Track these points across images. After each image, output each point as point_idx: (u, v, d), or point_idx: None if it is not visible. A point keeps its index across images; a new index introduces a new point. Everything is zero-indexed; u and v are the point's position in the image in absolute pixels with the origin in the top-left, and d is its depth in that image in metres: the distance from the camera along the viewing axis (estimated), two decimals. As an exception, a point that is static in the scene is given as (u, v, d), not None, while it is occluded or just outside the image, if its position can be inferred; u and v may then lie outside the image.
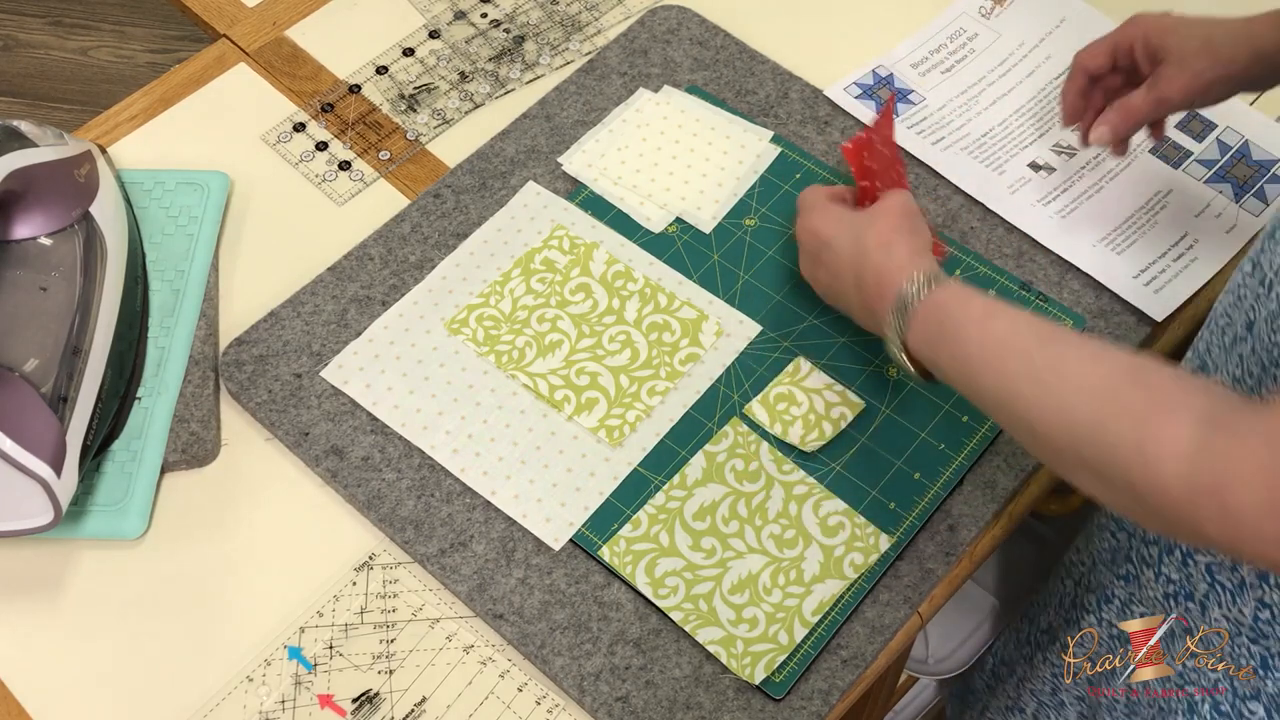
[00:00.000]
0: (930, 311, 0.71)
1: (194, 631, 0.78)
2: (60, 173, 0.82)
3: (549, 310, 0.88)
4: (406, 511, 0.81)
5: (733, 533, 0.79)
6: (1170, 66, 0.81)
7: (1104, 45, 0.86)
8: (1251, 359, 0.67)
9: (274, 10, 1.05)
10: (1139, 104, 0.84)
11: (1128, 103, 0.84)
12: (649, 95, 0.99)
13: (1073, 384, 0.60)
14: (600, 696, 0.75)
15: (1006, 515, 0.82)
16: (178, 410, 0.84)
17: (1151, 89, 0.83)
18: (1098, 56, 0.86)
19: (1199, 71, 0.80)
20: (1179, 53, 0.81)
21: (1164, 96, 0.82)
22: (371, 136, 0.98)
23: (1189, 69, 0.80)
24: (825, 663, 0.76)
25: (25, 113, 2.05)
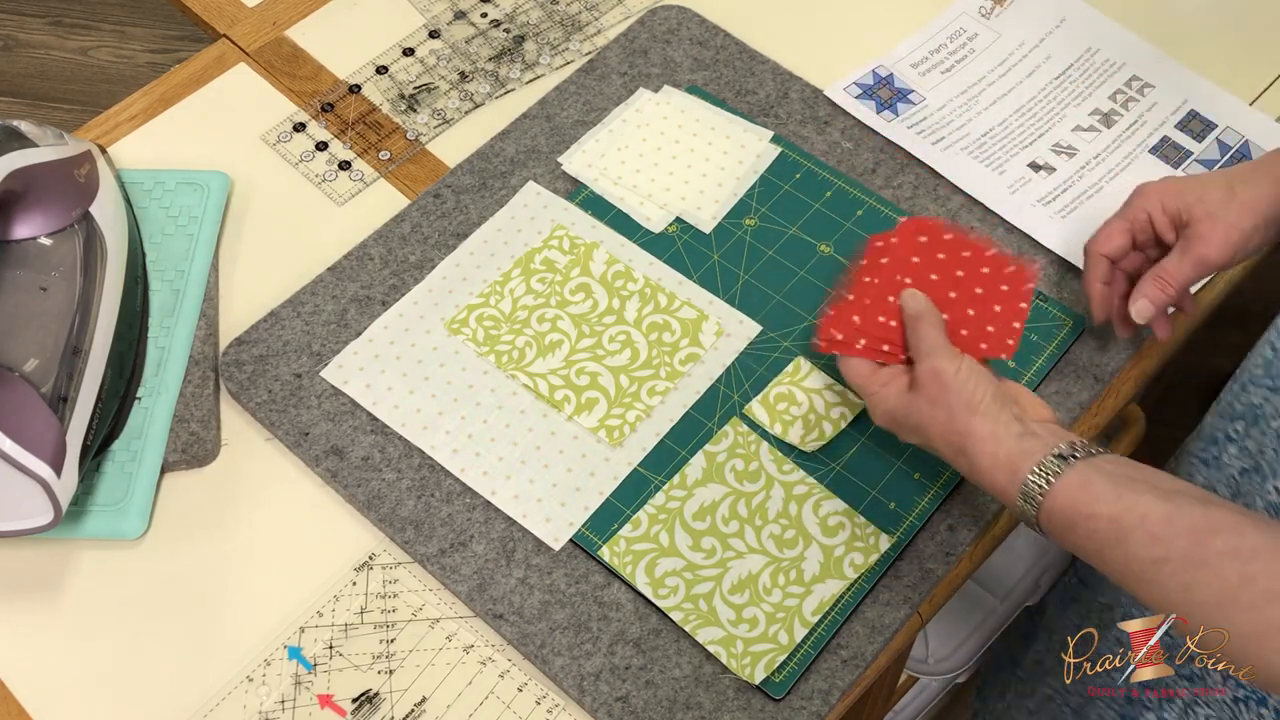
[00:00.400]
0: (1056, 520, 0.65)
1: (194, 631, 0.78)
2: (60, 173, 0.82)
3: (549, 310, 0.88)
4: (406, 511, 0.81)
5: (733, 533, 0.79)
6: (1201, 224, 0.74)
7: (1119, 225, 0.79)
8: None
9: (274, 10, 1.05)
10: (1174, 268, 0.76)
11: (1164, 269, 0.77)
12: (649, 95, 0.99)
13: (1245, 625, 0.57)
14: (600, 696, 0.75)
15: (1006, 515, 0.82)
16: (178, 410, 0.84)
17: (1186, 252, 0.75)
18: (1114, 237, 0.79)
19: (1233, 222, 0.74)
20: (1205, 208, 0.75)
21: (1203, 256, 0.75)
22: (371, 136, 0.98)
23: (1222, 221, 0.74)
24: (825, 663, 0.76)
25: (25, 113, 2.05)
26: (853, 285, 0.79)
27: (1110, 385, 0.87)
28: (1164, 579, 0.59)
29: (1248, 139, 0.96)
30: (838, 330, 0.77)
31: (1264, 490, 0.71)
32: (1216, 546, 0.58)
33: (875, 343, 0.76)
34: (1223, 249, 0.74)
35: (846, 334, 0.77)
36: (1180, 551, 0.59)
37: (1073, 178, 0.95)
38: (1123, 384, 0.87)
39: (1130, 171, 0.95)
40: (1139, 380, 0.87)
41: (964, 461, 0.70)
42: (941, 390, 0.70)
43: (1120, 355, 0.87)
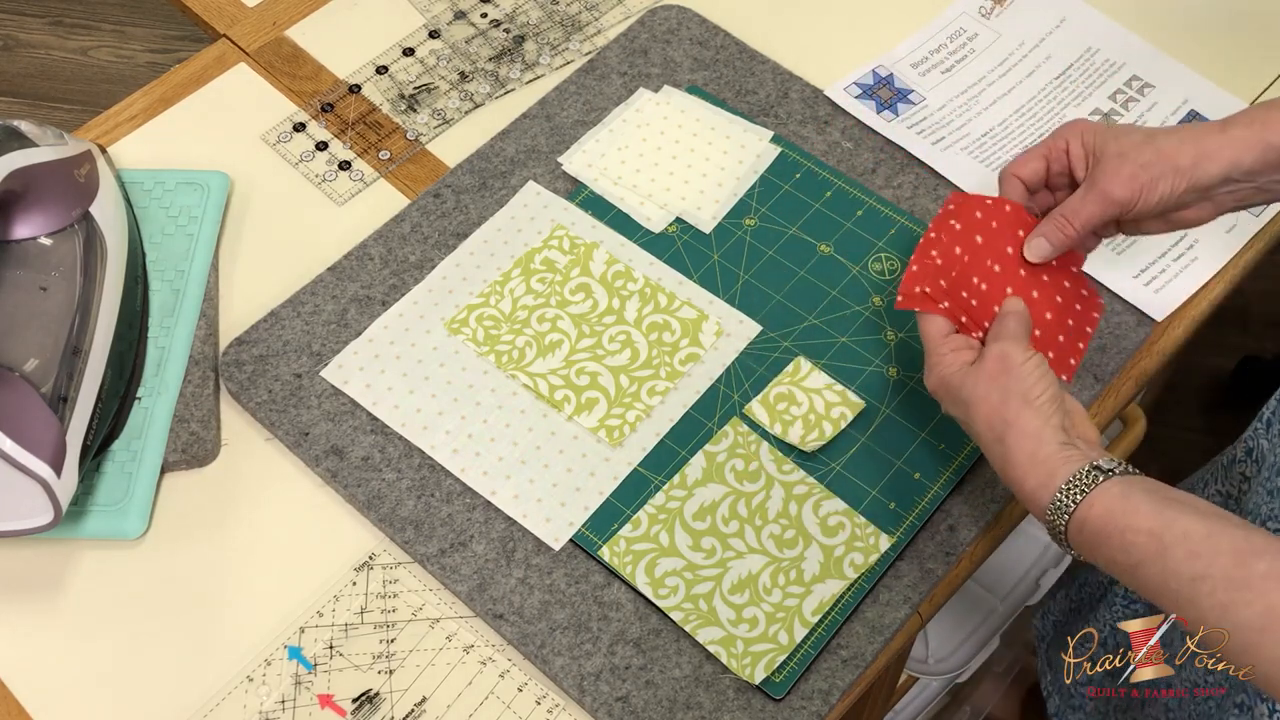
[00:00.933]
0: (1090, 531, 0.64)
1: (194, 631, 0.78)
2: (60, 173, 0.82)
3: (549, 310, 0.88)
4: (406, 511, 0.81)
5: (733, 533, 0.79)
6: (1110, 160, 0.73)
7: (1036, 152, 0.78)
8: None
9: (274, 10, 1.05)
10: (1077, 205, 0.74)
11: (1066, 207, 0.75)
12: (649, 95, 0.99)
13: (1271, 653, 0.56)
14: (600, 696, 0.75)
15: (1006, 515, 0.82)
16: (178, 410, 0.84)
17: (1091, 186, 0.74)
18: (1030, 161, 0.78)
19: (1143, 163, 0.72)
20: (1118, 145, 0.73)
21: (1105, 191, 0.73)
22: (371, 136, 0.98)
23: (1131, 160, 0.72)
24: (825, 663, 0.76)
25: (25, 113, 2.05)
26: (941, 249, 0.77)
27: (1110, 385, 0.87)
28: (1201, 598, 0.59)
29: (1248, 139, 0.96)
30: (925, 285, 0.75)
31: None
32: (1259, 569, 0.57)
33: (955, 312, 0.75)
34: (1127, 186, 0.72)
35: (935, 291, 0.75)
36: (1222, 570, 0.58)
37: (1073, 178, 0.95)
38: (1123, 384, 0.87)
39: (1130, 171, 0.95)
40: (1139, 380, 0.87)
41: (999, 451, 0.68)
42: (1004, 372, 0.69)
43: (1120, 355, 0.87)
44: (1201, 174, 0.71)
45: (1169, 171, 0.71)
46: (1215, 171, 0.71)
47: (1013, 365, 0.69)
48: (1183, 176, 0.71)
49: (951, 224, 0.77)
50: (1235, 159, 0.71)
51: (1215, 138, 0.71)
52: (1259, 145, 0.70)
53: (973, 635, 1.25)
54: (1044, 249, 0.76)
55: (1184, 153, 0.71)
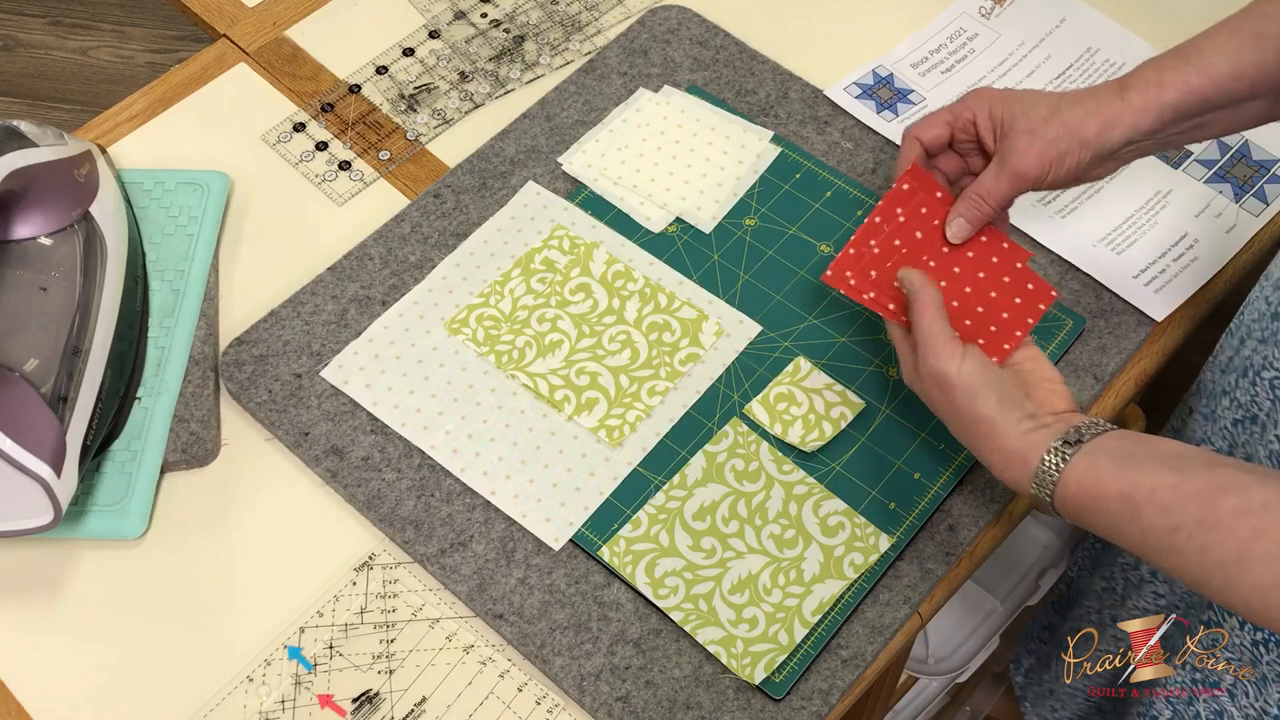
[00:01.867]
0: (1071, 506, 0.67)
1: (194, 631, 0.78)
2: (60, 173, 0.82)
3: (549, 310, 0.88)
4: (406, 511, 0.81)
5: (733, 533, 0.79)
6: (1019, 137, 0.75)
7: (942, 117, 0.79)
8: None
9: (274, 10, 1.05)
10: (991, 184, 0.76)
11: (980, 186, 0.77)
12: (649, 95, 0.99)
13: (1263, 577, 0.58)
14: (600, 696, 0.75)
15: (1006, 515, 0.82)
16: (178, 410, 0.84)
17: (1003, 165, 0.76)
18: (934, 126, 0.79)
19: (1052, 139, 0.74)
20: (1027, 121, 0.75)
21: (1018, 171, 0.75)
22: (371, 136, 0.98)
23: (1041, 137, 0.74)
24: (825, 663, 0.76)
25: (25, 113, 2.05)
26: (881, 240, 0.79)
27: (1110, 385, 0.87)
28: (1180, 545, 0.61)
29: (1247, 139, 0.96)
30: (852, 274, 0.78)
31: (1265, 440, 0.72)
32: (1227, 506, 0.59)
33: (883, 299, 0.77)
34: (1038, 165, 0.74)
35: (859, 282, 0.78)
36: (1193, 517, 0.60)
37: (1073, 178, 0.95)
38: (1123, 384, 0.87)
39: (1130, 171, 0.95)
40: (1139, 380, 0.87)
41: (977, 453, 0.72)
42: (946, 392, 0.71)
43: (1120, 355, 0.87)
44: (1105, 142, 0.74)
45: (1075, 146, 0.74)
46: (1118, 138, 0.74)
47: (950, 383, 0.71)
48: (1088, 148, 0.74)
49: (897, 213, 0.80)
50: (1135, 124, 0.73)
51: (1116, 105, 0.74)
52: (1156, 107, 0.73)
53: (973, 635, 1.25)
54: (964, 229, 0.78)
55: (1088, 125, 0.73)
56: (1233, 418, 0.75)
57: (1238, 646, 0.77)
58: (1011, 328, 0.77)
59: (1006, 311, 0.78)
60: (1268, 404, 0.71)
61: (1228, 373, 0.77)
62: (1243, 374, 0.74)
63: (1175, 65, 0.73)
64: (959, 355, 0.71)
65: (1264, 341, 0.72)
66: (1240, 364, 0.75)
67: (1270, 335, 0.70)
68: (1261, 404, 0.72)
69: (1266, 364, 0.71)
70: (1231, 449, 0.76)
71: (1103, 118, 0.73)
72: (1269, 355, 0.71)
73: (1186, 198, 0.94)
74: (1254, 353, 0.73)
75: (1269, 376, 0.71)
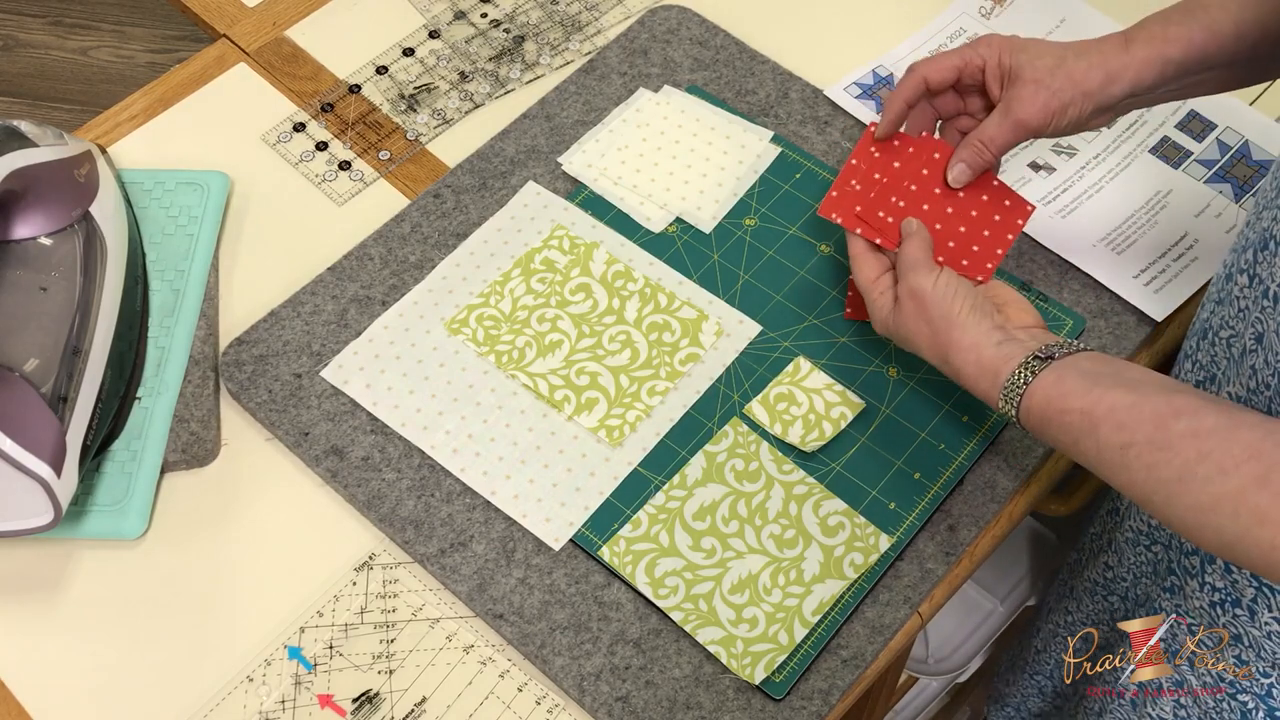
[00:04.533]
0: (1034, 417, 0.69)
1: (194, 631, 0.78)
2: (60, 173, 0.82)
3: (549, 310, 0.88)
4: (406, 511, 0.81)
5: (733, 533, 0.79)
6: (1025, 86, 0.76)
7: (952, 60, 0.80)
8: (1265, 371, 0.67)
9: (274, 10, 1.05)
10: (994, 132, 0.78)
11: (983, 133, 0.78)
12: (649, 95, 0.99)
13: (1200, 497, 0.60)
14: (600, 696, 0.75)
15: (1006, 515, 0.82)
16: (178, 410, 0.84)
17: (1007, 114, 0.77)
18: (943, 70, 0.80)
19: (1056, 90, 0.75)
20: (1033, 71, 0.76)
21: (1021, 120, 0.77)
22: (371, 136, 0.98)
23: (1045, 88, 0.76)
24: (825, 663, 0.76)
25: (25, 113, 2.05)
26: (860, 176, 0.82)
27: (1110, 385, 0.87)
28: (1130, 462, 0.63)
29: (1247, 139, 0.96)
30: (839, 214, 0.81)
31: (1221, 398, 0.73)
32: (1178, 429, 0.61)
33: (870, 233, 0.80)
34: (1041, 115, 0.76)
35: (846, 219, 0.81)
36: (1145, 436, 0.62)
37: (1073, 178, 0.95)
38: (1123, 384, 0.87)
39: (1130, 171, 0.95)
40: (1139, 380, 0.87)
41: (950, 370, 0.73)
42: (920, 305, 0.74)
43: (1120, 355, 0.87)
44: (1108, 95, 0.75)
45: (1079, 97, 0.75)
46: (1119, 92, 0.75)
47: (925, 295, 0.74)
48: (1091, 99, 0.75)
49: (871, 150, 0.83)
50: (1138, 78, 0.75)
51: (1120, 58, 0.75)
52: (1159, 62, 0.74)
53: (973, 635, 1.25)
54: (965, 174, 0.80)
55: (1092, 78, 0.75)
56: (1195, 379, 0.77)
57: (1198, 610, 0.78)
58: (993, 245, 0.80)
59: (987, 229, 0.81)
60: (1224, 363, 0.73)
61: (1188, 337, 0.79)
62: (1202, 336, 0.76)
63: (1181, 20, 0.74)
64: (935, 272, 0.74)
65: (1220, 303, 0.73)
66: (1200, 326, 0.76)
67: (1226, 296, 0.72)
68: (1219, 363, 0.73)
69: (1223, 324, 0.72)
70: None
71: (1106, 70, 0.75)
72: (1225, 315, 0.72)
73: (1186, 198, 0.94)
74: (1211, 314, 0.75)
75: (1225, 335, 0.72)
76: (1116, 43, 0.76)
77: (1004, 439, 0.83)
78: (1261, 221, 0.68)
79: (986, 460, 0.83)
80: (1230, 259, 0.73)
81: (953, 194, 0.82)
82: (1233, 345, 0.71)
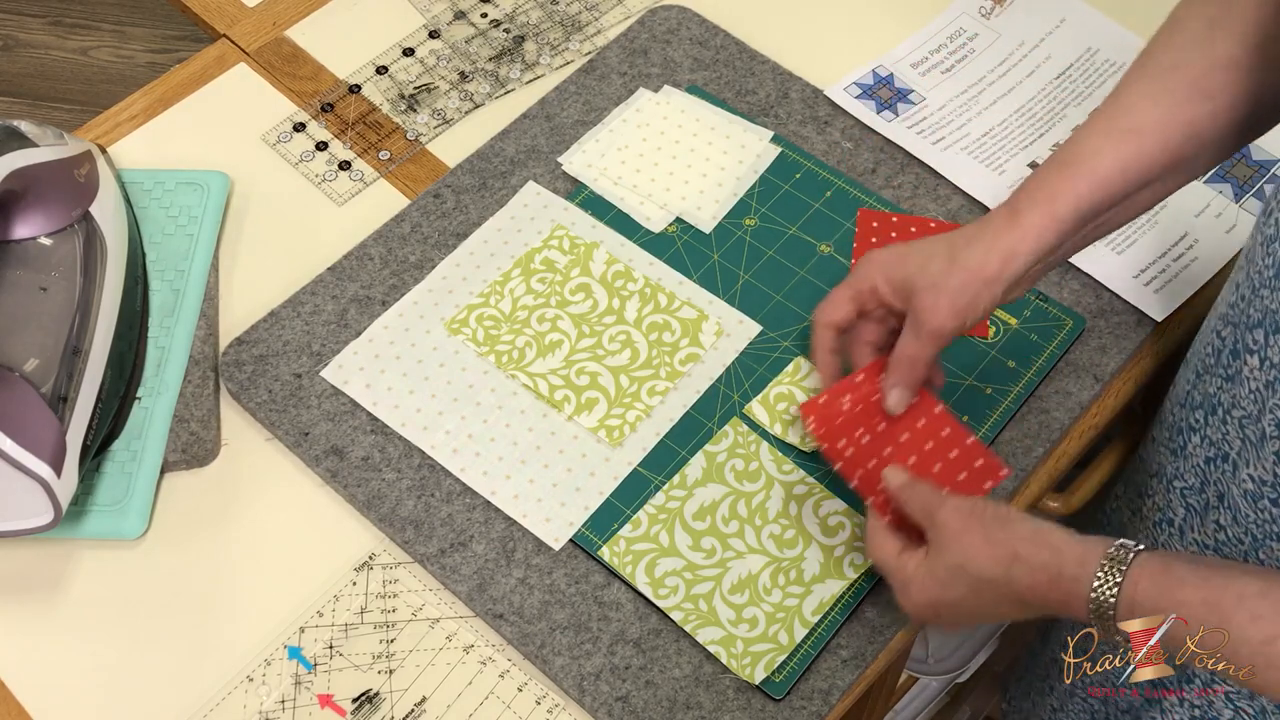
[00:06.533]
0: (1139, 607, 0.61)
1: (194, 631, 0.78)
2: (60, 173, 0.82)
3: (549, 310, 0.88)
4: (406, 511, 0.81)
5: (733, 533, 0.79)
6: (925, 296, 0.72)
7: (845, 295, 0.76)
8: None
9: (274, 10, 1.05)
10: (914, 350, 0.73)
11: (903, 352, 0.74)
12: (649, 95, 0.99)
13: None
14: (600, 696, 0.75)
15: (1006, 515, 0.82)
16: (178, 410, 0.84)
17: (919, 328, 0.72)
18: (840, 308, 0.76)
19: (957, 289, 0.71)
20: (927, 278, 0.72)
21: (933, 329, 0.72)
22: (371, 136, 0.98)
23: (945, 291, 0.71)
24: (825, 663, 0.76)
25: (25, 113, 2.05)
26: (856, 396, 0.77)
27: (1110, 385, 0.87)
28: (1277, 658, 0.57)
29: (1248, 139, 0.96)
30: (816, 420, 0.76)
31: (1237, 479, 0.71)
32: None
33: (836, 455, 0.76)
34: (952, 318, 0.71)
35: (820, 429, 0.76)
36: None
37: (1073, 178, 0.95)
38: (1123, 384, 0.87)
39: (1130, 171, 0.95)
40: (1139, 380, 0.87)
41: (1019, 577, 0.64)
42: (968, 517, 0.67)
43: (1120, 355, 0.87)
44: (1012, 273, 0.71)
45: (982, 287, 0.71)
46: (1022, 265, 0.71)
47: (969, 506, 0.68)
48: (996, 283, 0.71)
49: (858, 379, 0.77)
50: (1036, 246, 0.71)
51: (1011, 234, 0.71)
52: (1053, 224, 0.70)
53: (973, 635, 1.25)
54: (902, 396, 0.75)
55: (989, 264, 0.70)
56: (1205, 455, 0.75)
57: None
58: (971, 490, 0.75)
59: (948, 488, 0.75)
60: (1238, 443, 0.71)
61: (1189, 407, 0.77)
62: (1210, 411, 0.73)
63: (1061, 176, 0.71)
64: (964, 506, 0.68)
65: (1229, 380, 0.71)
66: (1205, 400, 0.74)
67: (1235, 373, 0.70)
68: (1232, 443, 0.71)
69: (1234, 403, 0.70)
70: (1204, 485, 0.76)
71: (1001, 252, 0.71)
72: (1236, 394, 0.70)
73: (1186, 198, 0.94)
74: (1219, 390, 0.72)
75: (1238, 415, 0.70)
76: (1004, 218, 0.72)
77: (1004, 439, 0.83)
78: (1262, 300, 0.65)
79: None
80: (1225, 331, 0.71)
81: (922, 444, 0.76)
82: (1247, 427, 0.69)
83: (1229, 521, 0.74)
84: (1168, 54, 0.71)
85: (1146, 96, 0.71)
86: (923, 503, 0.70)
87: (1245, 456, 0.70)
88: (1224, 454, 0.73)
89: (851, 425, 0.76)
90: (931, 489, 0.71)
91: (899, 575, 0.70)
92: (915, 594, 0.69)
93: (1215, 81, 0.70)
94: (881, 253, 0.75)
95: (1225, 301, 0.73)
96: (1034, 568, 0.64)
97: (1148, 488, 0.84)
